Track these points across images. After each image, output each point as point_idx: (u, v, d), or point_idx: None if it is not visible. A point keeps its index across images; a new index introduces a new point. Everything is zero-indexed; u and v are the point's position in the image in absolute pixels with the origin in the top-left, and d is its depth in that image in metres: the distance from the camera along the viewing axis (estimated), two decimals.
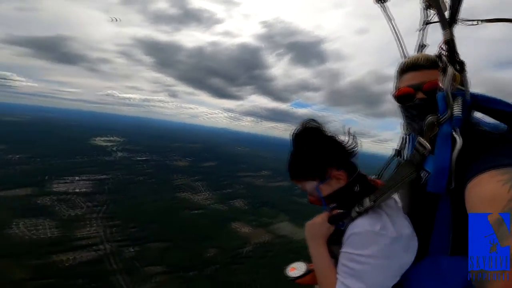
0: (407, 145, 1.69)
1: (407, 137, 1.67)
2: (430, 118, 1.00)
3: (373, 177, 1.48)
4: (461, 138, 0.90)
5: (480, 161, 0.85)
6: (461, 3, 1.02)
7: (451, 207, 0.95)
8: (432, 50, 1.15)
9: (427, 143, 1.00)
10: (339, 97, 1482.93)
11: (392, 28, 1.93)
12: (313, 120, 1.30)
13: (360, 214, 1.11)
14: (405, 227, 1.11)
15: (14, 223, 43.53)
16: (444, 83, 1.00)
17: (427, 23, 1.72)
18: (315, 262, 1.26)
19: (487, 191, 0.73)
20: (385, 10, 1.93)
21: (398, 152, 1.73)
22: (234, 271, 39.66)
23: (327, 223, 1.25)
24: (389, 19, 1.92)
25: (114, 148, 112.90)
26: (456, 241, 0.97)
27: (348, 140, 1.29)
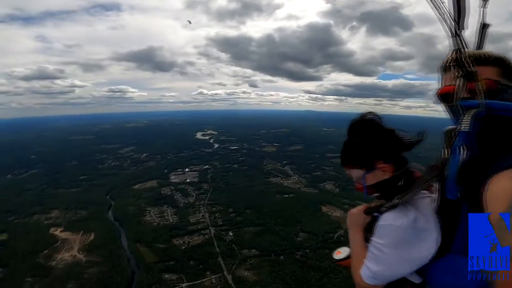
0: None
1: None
2: (447, 128, 1.09)
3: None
4: (465, 154, 0.94)
5: (495, 164, 0.86)
6: (467, 10, 0.97)
7: (468, 212, 0.96)
8: (494, 30, 1.14)
9: (445, 151, 1.08)
10: (440, 63, 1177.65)
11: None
12: (372, 112, 1.39)
13: (388, 209, 1.24)
14: (430, 225, 1.22)
15: (147, 211, 55.28)
16: (455, 96, 1.00)
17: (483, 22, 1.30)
18: (351, 246, 1.48)
19: (496, 189, 0.75)
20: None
21: None
22: (325, 255, 38.87)
23: (362, 214, 1.47)
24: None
25: (211, 141, 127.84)
26: None
27: (408, 136, 1.36)
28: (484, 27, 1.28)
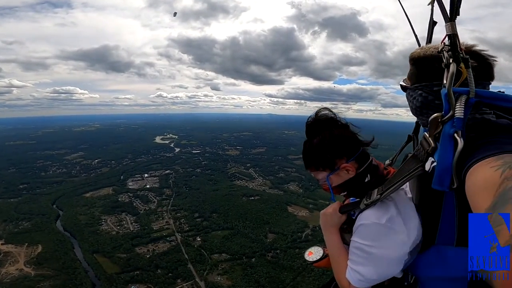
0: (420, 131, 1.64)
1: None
2: (433, 116, 1.00)
3: (387, 162, 1.60)
4: (462, 141, 0.90)
5: (478, 151, 0.86)
6: None
7: (456, 201, 0.98)
8: (441, 28, 1.11)
9: (431, 141, 1.00)
10: (388, 69, 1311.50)
11: (402, 8, 1.84)
12: (326, 109, 1.36)
13: (367, 206, 1.17)
14: (412, 219, 1.17)
15: (103, 220, 50.90)
16: (446, 82, 0.96)
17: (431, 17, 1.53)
18: (329, 248, 1.38)
19: (480, 179, 0.74)
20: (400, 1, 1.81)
21: (410, 138, 1.66)
22: (296, 255, 40.07)
23: (338, 213, 1.36)
24: (403, 8, 1.82)
25: (172, 145, 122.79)
26: (462, 233, 0.99)
27: (360, 134, 1.34)
28: (433, 24, 1.52)
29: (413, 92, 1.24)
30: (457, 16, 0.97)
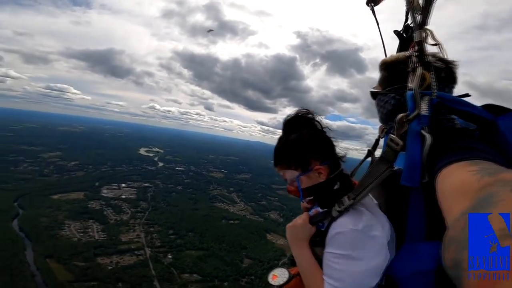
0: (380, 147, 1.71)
1: (381, 139, 1.67)
2: (399, 116, 1.04)
3: None
4: (430, 135, 0.96)
5: (452, 154, 0.89)
6: (432, 8, 1.07)
7: (423, 197, 0.99)
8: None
9: (399, 139, 1.03)
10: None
11: (379, 31, 2.00)
12: (307, 109, 1.32)
13: (341, 213, 1.12)
14: (386, 223, 1.14)
15: (66, 225, 46.89)
16: (414, 83, 1.05)
17: (406, 25, 1.81)
18: (299, 265, 1.23)
19: (457, 181, 0.75)
20: (374, 13, 1.96)
21: (370, 153, 1.69)
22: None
23: (308, 224, 1.23)
24: (377, 21, 2.02)
25: (156, 159, 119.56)
26: (430, 228, 1.00)
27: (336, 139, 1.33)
28: (402, 35, 1.69)
29: (385, 97, 1.26)
30: (425, 25, 1.08)
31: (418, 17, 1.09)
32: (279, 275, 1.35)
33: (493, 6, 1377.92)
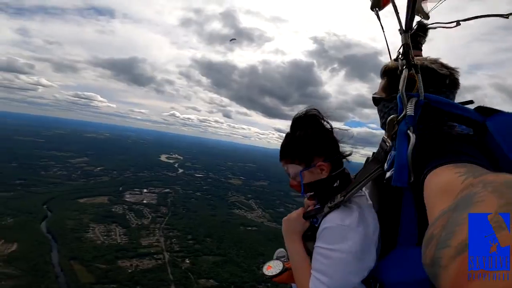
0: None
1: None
2: (390, 117, 1.09)
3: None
4: (414, 135, 0.97)
5: (441, 157, 0.89)
6: (415, 11, 1.10)
7: (414, 200, 0.99)
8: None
9: (389, 140, 1.08)
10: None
11: (384, 36, 1.96)
12: (315, 108, 1.36)
13: (331, 209, 1.16)
14: (375, 223, 1.16)
15: (91, 228, 48.35)
16: (400, 85, 1.07)
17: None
18: (291, 257, 1.29)
19: (442, 181, 0.76)
20: (378, 17, 1.90)
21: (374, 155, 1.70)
22: None
23: (301, 218, 1.32)
24: (381, 26, 1.95)
25: (176, 165, 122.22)
26: (422, 233, 0.91)
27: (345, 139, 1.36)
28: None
29: (389, 103, 1.26)
30: (410, 29, 1.11)
31: (403, 21, 1.10)
32: (273, 267, 1.39)
33: None
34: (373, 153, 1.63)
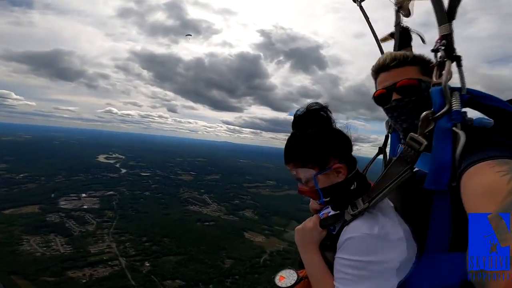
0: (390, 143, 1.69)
1: (390, 135, 1.66)
2: (424, 114, 0.97)
3: None
4: (464, 133, 0.88)
5: (477, 153, 0.81)
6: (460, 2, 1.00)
7: (450, 203, 0.91)
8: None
9: (423, 139, 0.94)
10: (339, 104, 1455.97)
11: (370, 27, 1.98)
12: (319, 103, 1.20)
13: (354, 216, 1.02)
14: (403, 227, 1.04)
15: (24, 240, 42.31)
16: (443, 78, 0.98)
17: (397, 24, 1.76)
18: (308, 269, 1.16)
19: (484, 182, 0.68)
20: (362, 9, 1.94)
21: (381, 150, 1.70)
22: (256, 280, 38.38)
23: (318, 227, 1.16)
24: (367, 18, 1.97)
25: (118, 165, 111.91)
26: (455, 238, 0.91)
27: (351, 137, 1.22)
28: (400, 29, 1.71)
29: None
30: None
31: (445, 10, 1.02)
32: (286, 277, 1.29)
33: None
34: (378, 147, 1.72)
